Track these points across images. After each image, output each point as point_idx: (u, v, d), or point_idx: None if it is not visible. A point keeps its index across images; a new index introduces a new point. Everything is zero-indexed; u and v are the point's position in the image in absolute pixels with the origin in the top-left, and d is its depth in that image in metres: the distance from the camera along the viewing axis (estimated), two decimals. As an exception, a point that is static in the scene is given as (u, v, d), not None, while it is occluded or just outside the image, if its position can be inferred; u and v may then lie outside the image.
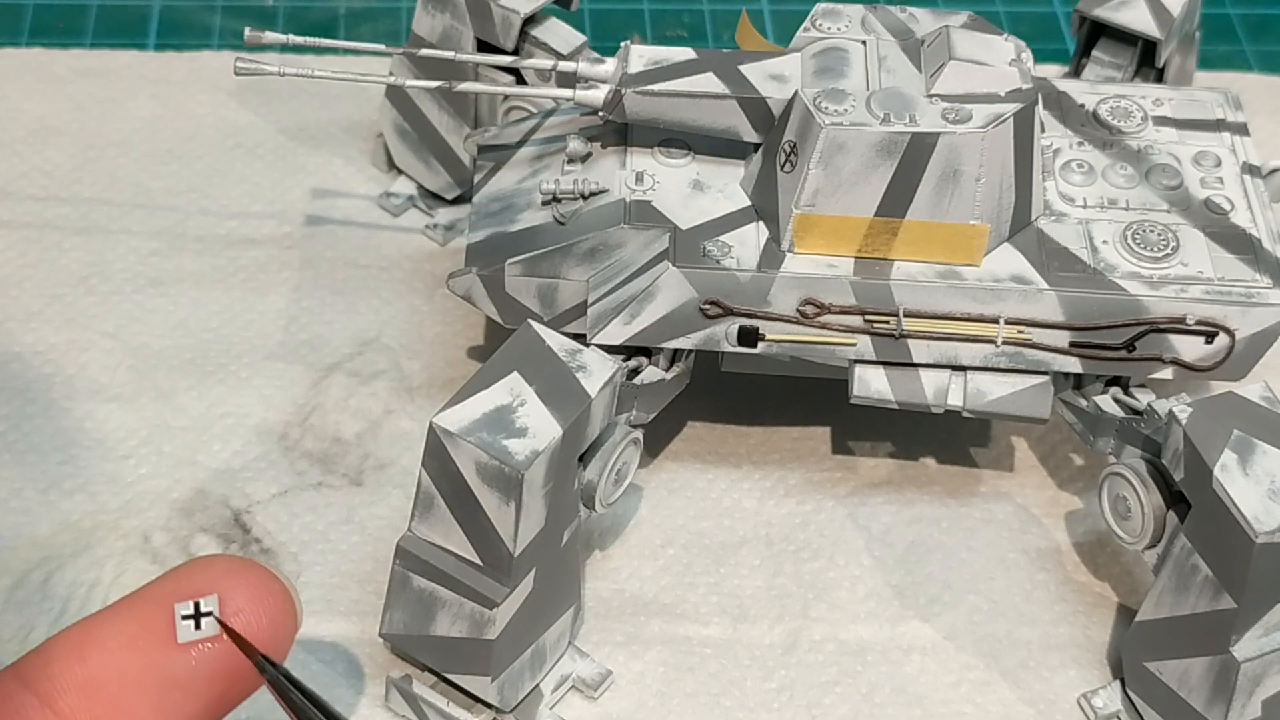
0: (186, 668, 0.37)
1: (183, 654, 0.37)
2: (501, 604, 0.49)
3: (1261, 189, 0.57)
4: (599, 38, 0.73)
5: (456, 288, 0.56)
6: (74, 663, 0.37)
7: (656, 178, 0.55)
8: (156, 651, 0.37)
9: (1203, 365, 0.54)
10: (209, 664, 0.37)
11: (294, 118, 0.73)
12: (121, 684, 0.37)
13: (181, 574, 0.39)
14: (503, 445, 0.47)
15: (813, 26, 0.56)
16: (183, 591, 0.38)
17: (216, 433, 0.61)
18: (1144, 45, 0.63)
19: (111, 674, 0.37)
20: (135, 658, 0.37)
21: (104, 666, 0.37)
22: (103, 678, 0.37)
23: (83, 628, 0.38)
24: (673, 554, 0.58)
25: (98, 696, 0.37)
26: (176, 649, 0.37)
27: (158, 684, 0.37)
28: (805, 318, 0.54)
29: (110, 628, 0.38)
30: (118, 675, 0.37)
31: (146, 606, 0.38)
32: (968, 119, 0.51)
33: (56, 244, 0.67)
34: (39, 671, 0.37)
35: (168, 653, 0.37)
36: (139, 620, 0.38)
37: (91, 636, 0.37)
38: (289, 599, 0.39)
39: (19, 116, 0.72)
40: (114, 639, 0.37)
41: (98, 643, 0.37)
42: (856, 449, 0.62)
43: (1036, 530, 0.59)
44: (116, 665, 0.37)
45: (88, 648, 0.37)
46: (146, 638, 0.37)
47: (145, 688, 0.37)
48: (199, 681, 0.38)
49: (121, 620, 0.38)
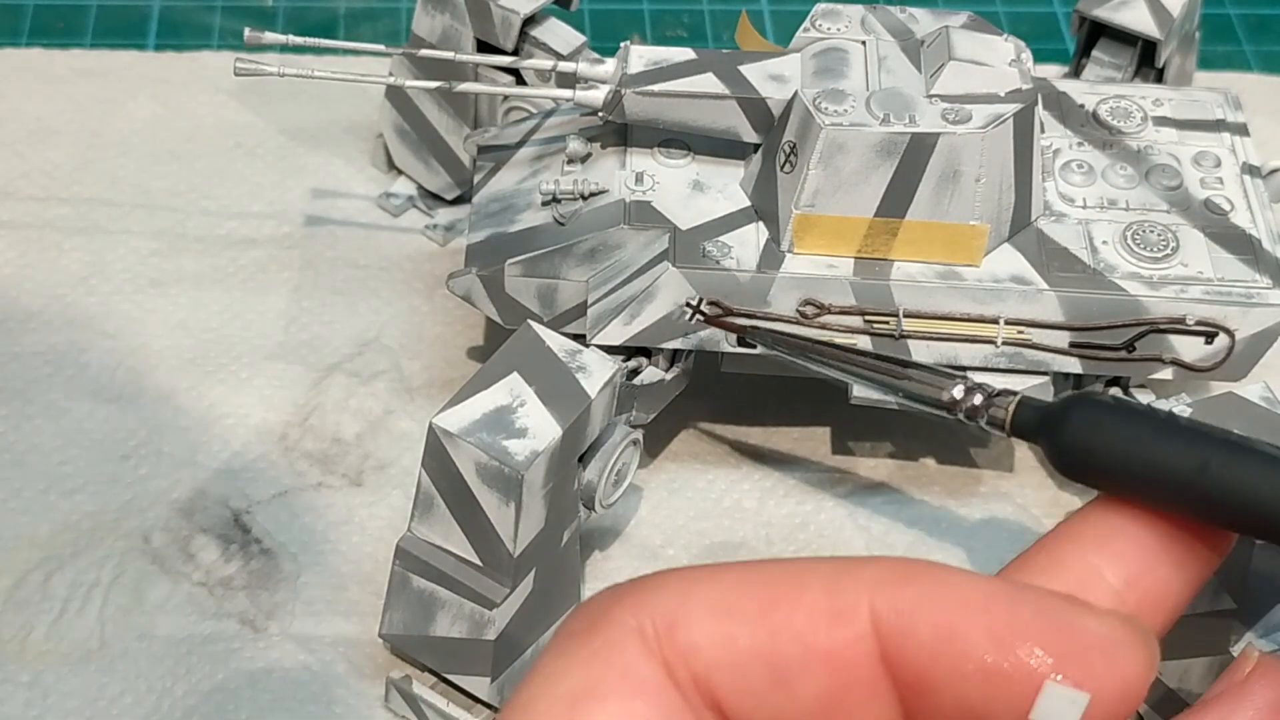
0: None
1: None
2: (501, 604, 0.49)
3: (1261, 189, 0.57)
4: (599, 38, 0.73)
5: (456, 288, 0.56)
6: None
7: (656, 178, 0.55)
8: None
9: (1203, 366, 0.54)
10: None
11: (294, 118, 0.73)
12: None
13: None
14: (502, 446, 0.47)
15: (812, 27, 0.56)
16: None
17: (216, 433, 0.61)
18: (1144, 45, 0.63)
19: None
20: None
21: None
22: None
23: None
24: (673, 554, 0.58)
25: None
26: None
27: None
28: (805, 318, 0.53)
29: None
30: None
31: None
32: (968, 119, 0.51)
33: (56, 244, 0.67)
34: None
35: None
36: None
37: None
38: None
39: (19, 116, 0.72)
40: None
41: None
42: (856, 449, 0.62)
43: (1036, 530, 0.59)
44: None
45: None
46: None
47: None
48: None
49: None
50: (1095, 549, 0.30)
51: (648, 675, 0.28)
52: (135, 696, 0.54)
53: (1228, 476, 0.30)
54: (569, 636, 0.28)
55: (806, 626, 0.28)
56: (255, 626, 0.56)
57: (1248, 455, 0.31)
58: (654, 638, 0.28)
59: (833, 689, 0.28)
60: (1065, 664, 0.27)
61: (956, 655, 0.27)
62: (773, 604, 0.28)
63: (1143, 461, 0.31)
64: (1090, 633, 0.28)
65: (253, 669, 0.55)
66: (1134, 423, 0.31)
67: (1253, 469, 0.30)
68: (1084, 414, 0.32)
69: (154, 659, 0.55)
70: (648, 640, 0.28)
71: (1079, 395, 0.33)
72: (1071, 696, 0.27)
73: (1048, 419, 0.33)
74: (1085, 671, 0.27)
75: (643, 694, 0.27)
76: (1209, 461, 0.30)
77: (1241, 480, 0.30)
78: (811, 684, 0.28)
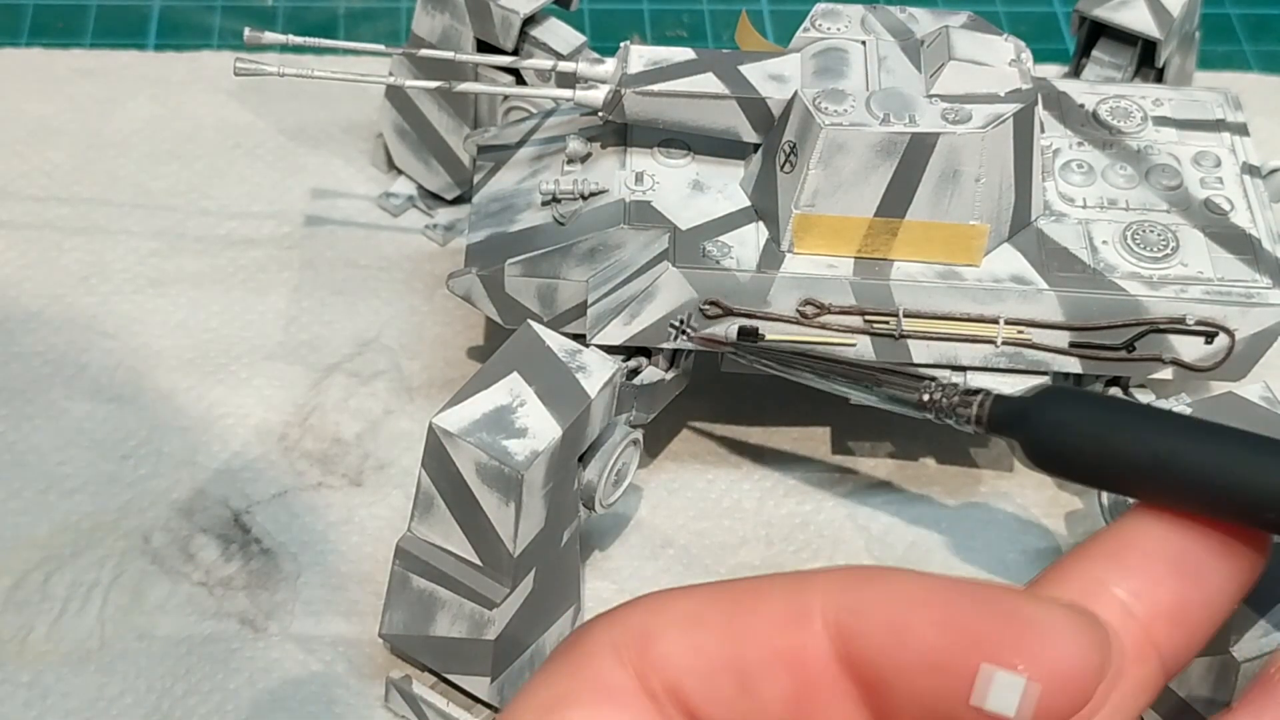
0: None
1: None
2: (501, 604, 0.49)
3: (1261, 189, 0.57)
4: (599, 38, 0.73)
5: (456, 288, 0.56)
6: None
7: (656, 178, 0.55)
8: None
9: (1203, 365, 0.54)
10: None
11: (294, 118, 0.73)
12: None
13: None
14: (502, 446, 0.47)
15: (812, 27, 0.56)
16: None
17: (216, 433, 0.61)
18: (1144, 45, 0.63)
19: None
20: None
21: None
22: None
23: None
24: (673, 554, 0.58)
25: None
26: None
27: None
28: (805, 318, 0.53)
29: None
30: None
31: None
32: (968, 119, 0.51)
33: (56, 244, 0.67)
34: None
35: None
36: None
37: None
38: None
39: (19, 116, 0.72)
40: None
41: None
42: (856, 449, 0.62)
43: (1036, 530, 0.59)
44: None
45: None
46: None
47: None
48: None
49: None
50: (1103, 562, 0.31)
51: (618, 684, 0.29)
52: (135, 696, 0.54)
53: (1194, 460, 0.31)
54: (553, 657, 0.30)
55: (766, 632, 0.29)
56: (255, 626, 0.56)
57: (1213, 438, 0.31)
58: (628, 651, 0.29)
59: (796, 692, 0.29)
60: (1002, 650, 0.28)
61: (904, 649, 0.28)
62: (736, 613, 0.29)
63: (1110, 450, 0.31)
64: (1026, 619, 0.28)
65: (253, 669, 0.55)
66: (1102, 413, 0.32)
67: (1217, 451, 0.31)
68: (1054, 407, 0.32)
69: (154, 659, 0.55)
70: (621, 654, 0.29)
71: (1049, 389, 0.33)
72: (1010, 681, 0.28)
73: (1019, 414, 0.33)
74: (1021, 655, 0.27)
75: (611, 701, 0.29)
76: (1175, 446, 0.31)
77: (1207, 462, 0.30)
78: (775, 688, 0.29)
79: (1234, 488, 0.30)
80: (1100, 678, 0.28)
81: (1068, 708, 0.28)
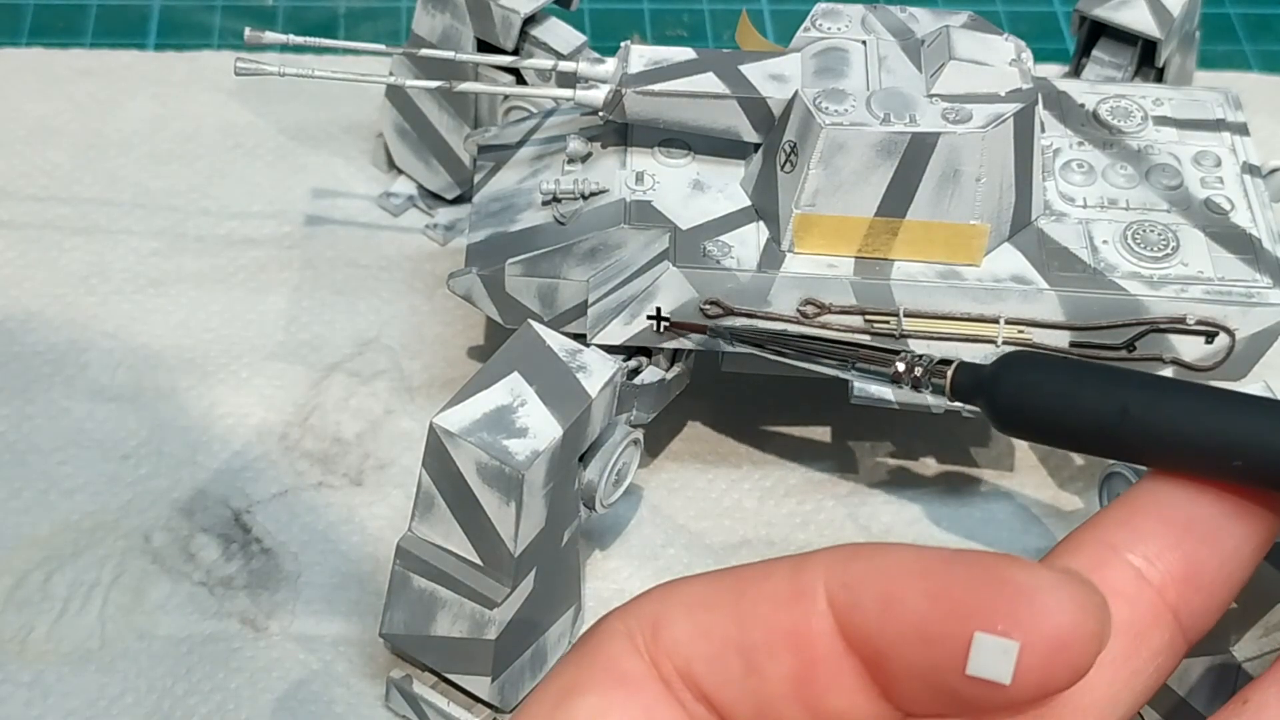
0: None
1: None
2: (501, 604, 0.49)
3: (1261, 189, 0.57)
4: (599, 38, 0.73)
5: (456, 288, 0.56)
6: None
7: (656, 178, 0.55)
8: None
9: (1203, 365, 0.54)
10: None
11: (294, 118, 0.73)
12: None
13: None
14: (503, 445, 0.47)
15: (813, 26, 0.56)
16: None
17: (217, 432, 0.61)
18: (1144, 45, 0.63)
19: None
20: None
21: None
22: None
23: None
24: (673, 554, 0.58)
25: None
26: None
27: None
28: (806, 318, 0.53)
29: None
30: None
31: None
32: (968, 119, 0.51)
33: (56, 244, 0.67)
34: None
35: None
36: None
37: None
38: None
39: (19, 116, 0.72)
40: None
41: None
42: (856, 449, 0.62)
43: (1036, 530, 0.59)
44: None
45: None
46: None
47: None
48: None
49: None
50: (1115, 529, 0.31)
51: (630, 671, 0.29)
52: (135, 696, 0.54)
53: (1148, 415, 0.31)
54: (571, 649, 0.31)
55: (770, 611, 0.29)
56: (255, 626, 0.56)
57: (1167, 393, 0.31)
58: (640, 638, 0.30)
59: (800, 669, 0.29)
60: (992, 615, 0.28)
61: (898, 620, 0.28)
62: (741, 595, 0.29)
63: (1069, 411, 0.32)
64: (1018, 585, 0.28)
65: (253, 669, 0.55)
66: (1061, 375, 0.32)
67: (1172, 405, 0.31)
68: (1015, 371, 0.33)
69: (154, 659, 0.55)
70: (634, 641, 0.30)
71: (1010, 354, 0.34)
72: (1003, 646, 0.27)
73: (983, 380, 0.34)
74: (1011, 620, 0.27)
75: (624, 687, 0.29)
76: (1128, 403, 0.31)
77: (1161, 417, 0.31)
78: (779, 666, 0.29)
79: (1200, 437, 0.31)
80: (1097, 643, 0.28)
81: (1066, 673, 0.28)
